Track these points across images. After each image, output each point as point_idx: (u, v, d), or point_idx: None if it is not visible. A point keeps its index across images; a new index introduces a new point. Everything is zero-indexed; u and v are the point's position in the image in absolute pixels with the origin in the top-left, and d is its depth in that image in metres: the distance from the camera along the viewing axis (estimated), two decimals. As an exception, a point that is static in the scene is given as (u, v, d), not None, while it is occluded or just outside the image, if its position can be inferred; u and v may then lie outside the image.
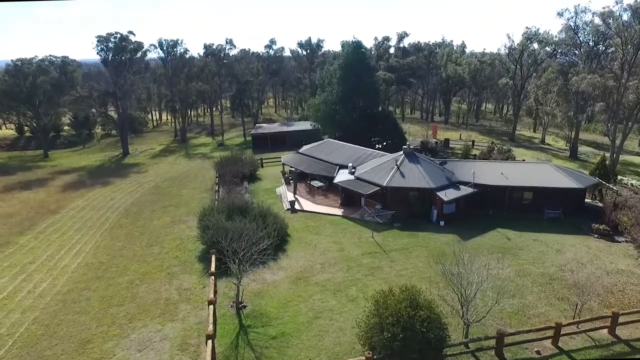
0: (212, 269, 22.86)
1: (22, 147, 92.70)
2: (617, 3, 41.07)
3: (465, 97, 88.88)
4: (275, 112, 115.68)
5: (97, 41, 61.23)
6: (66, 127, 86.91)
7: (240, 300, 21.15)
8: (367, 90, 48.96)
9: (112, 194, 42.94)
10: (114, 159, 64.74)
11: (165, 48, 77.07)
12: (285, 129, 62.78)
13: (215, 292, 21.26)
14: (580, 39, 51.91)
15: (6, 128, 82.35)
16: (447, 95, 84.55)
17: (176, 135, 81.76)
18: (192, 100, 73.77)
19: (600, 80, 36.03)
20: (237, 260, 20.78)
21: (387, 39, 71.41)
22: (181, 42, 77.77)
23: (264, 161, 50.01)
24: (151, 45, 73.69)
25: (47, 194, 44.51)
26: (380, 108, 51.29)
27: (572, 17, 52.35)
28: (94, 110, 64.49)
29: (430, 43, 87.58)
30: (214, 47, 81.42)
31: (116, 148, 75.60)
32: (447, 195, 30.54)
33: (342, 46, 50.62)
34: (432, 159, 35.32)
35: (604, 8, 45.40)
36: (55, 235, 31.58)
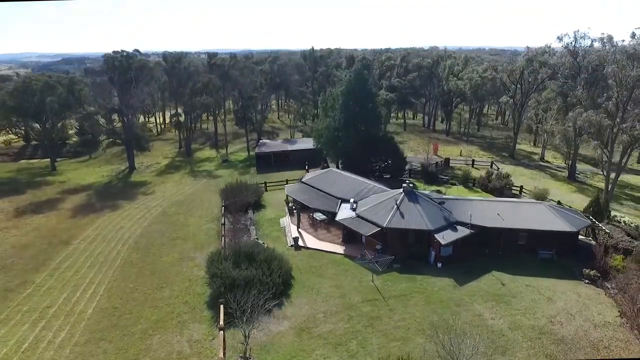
0: (221, 322, 24.27)
1: (29, 156, 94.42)
2: (612, 46, 42.13)
3: (467, 104, 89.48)
4: (278, 117, 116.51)
5: (104, 61, 62.20)
6: (73, 137, 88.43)
7: (247, 355, 22.60)
8: (368, 116, 50.06)
9: (121, 222, 44.34)
10: (121, 175, 66.08)
11: (169, 62, 78.18)
12: (288, 147, 63.93)
13: (224, 348, 22.69)
14: (580, 64, 52.67)
15: (15, 137, 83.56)
16: (448, 107, 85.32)
17: (180, 146, 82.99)
18: (197, 114, 74.73)
19: (595, 119, 37.01)
20: (244, 319, 22.27)
21: (389, 57, 72.13)
22: (185, 55, 78.84)
23: (268, 185, 51.22)
24: (154, 54, 74.77)
25: (58, 219, 45.95)
26: (381, 132, 52.15)
27: (571, 42, 53.14)
28: (101, 126, 65.34)
29: (433, 54, 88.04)
30: (217, 55, 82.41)
31: (122, 159, 76.95)
32: (445, 238, 31.81)
33: (346, 74, 51.81)
34: (431, 197, 36.49)
35: (602, 43, 46.37)
36: (69, 273, 33.06)
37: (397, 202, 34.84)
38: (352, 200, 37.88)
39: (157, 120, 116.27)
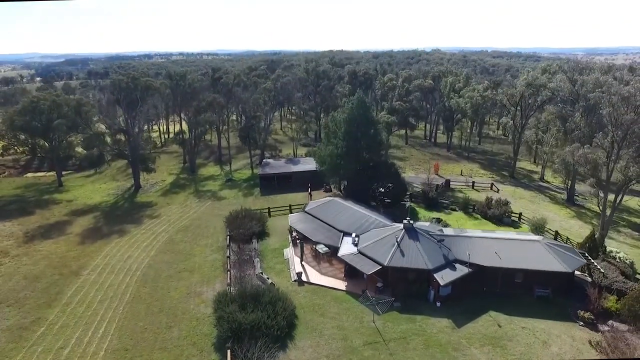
0: (229, 368, 25.41)
1: (35, 168, 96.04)
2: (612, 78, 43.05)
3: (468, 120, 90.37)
4: (281, 128, 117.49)
5: (111, 83, 63.30)
6: (79, 151, 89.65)
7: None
8: (370, 143, 51.14)
9: (129, 249, 45.52)
10: (127, 194, 67.29)
11: (174, 79, 79.31)
12: (291, 168, 64.95)
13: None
14: (579, 91, 53.56)
15: (21, 153, 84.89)
16: (449, 122, 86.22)
17: (184, 161, 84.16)
18: (201, 131, 75.90)
19: (592, 156, 37.95)
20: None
21: (391, 78, 73.01)
22: (190, 73, 79.90)
23: (271, 210, 52.29)
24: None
25: (67, 246, 47.17)
26: (383, 157, 53.20)
27: (570, 72, 53.99)
28: (107, 146, 66.57)
29: (434, 69, 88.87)
30: (221, 71, 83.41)
31: (127, 175, 78.21)
32: (444, 278, 32.84)
33: (348, 101, 52.95)
34: (430, 233, 37.46)
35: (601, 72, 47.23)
36: (80, 309, 34.24)
37: (398, 240, 35.86)
38: (354, 234, 38.93)
39: (161, 129, 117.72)
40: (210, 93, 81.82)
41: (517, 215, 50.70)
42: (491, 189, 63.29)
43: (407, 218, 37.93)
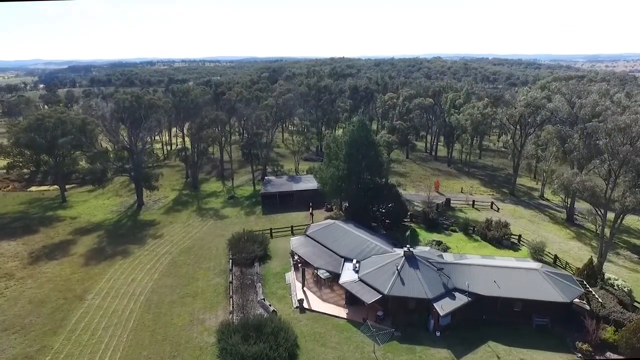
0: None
1: (39, 182, 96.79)
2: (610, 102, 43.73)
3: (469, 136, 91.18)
4: (282, 141, 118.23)
5: (114, 102, 64.19)
6: (82, 165, 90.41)
7: None
8: (371, 165, 51.75)
9: (133, 272, 46.06)
10: (130, 212, 67.88)
11: (177, 96, 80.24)
12: (293, 186, 65.55)
13: None
14: (577, 114, 54.21)
15: (27, 171, 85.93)
16: (450, 138, 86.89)
17: (187, 176, 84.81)
18: (204, 147, 76.71)
19: (589, 184, 38.49)
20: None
21: (392, 97, 73.93)
22: (193, 89, 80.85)
23: (273, 231, 52.82)
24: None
25: (71, 268, 47.72)
26: (384, 178, 53.82)
27: (569, 95, 54.69)
28: (111, 164, 67.30)
29: (435, 84, 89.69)
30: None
31: (130, 190, 78.79)
32: (444, 308, 33.30)
33: (349, 124, 53.76)
34: (430, 260, 37.94)
35: (599, 95, 47.87)
36: (85, 336, 34.74)
37: (398, 268, 36.37)
38: (354, 261, 39.46)
39: (163, 140, 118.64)
40: (212, 109, 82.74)
41: (517, 237, 51.15)
42: (491, 207, 63.79)
43: (407, 246, 38.46)
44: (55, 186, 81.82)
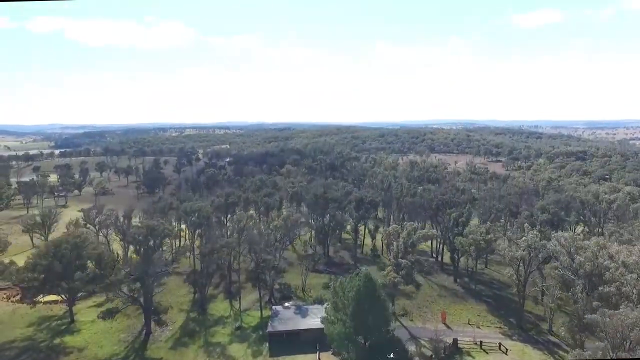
0: None
1: (48, 290, 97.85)
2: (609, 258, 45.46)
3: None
4: (292, 245, 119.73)
5: (130, 236, 66.90)
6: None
7: None
8: (376, 322, 52.86)
9: None
10: (137, 343, 68.21)
11: (190, 215, 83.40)
12: (299, 324, 66.25)
13: None
14: (578, 267, 55.75)
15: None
16: (454, 254, 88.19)
17: (195, 291, 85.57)
18: (213, 270, 78.37)
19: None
20: None
21: (396, 229, 76.73)
22: (205, 209, 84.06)
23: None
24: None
25: None
26: (389, 334, 54.63)
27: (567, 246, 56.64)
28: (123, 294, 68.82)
29: (438, 197, 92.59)
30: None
31: (138, 311, 78.93)
32: None
33: (355, 274, 55.72)
34: None
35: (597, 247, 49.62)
36: None
37: None
38: None
39: (173, 243, 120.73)
40: (222, 223, 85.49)
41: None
42: (499, 349, 63.37)
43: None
44: (64, 304, 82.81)
